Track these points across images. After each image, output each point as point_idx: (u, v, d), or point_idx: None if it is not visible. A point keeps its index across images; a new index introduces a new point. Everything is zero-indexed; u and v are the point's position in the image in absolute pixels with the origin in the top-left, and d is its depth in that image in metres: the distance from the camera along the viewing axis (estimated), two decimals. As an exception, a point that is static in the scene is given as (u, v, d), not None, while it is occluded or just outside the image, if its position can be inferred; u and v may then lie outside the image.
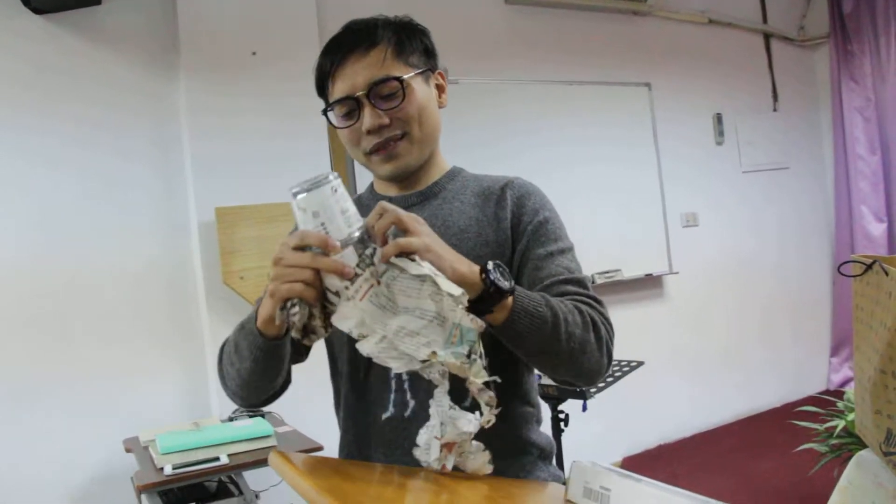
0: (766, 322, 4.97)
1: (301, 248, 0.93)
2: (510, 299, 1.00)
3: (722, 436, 4.53)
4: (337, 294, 0.92)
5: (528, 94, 4.02)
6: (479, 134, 3.66)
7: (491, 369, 1.21)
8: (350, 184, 3.49)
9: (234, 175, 3.17)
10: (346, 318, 0.91)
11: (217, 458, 2.37)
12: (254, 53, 3.23)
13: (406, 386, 1.19)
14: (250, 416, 2.84)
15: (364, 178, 3.43)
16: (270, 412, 2.95)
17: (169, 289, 3.17)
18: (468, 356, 0.90)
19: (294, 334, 0.95)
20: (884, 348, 1.08)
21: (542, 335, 1.03)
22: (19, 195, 2.91)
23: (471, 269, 0.98)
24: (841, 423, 2.86)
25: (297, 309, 0.93)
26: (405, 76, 1.21)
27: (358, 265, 0.91)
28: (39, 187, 2.95)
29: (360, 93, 1.19)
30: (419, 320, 0.90)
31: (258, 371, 1.11)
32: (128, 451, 2.68)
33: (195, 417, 3.07)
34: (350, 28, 1.24)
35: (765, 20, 5.13)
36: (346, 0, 3.41)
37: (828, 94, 5.29)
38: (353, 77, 1.19)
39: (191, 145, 3.15)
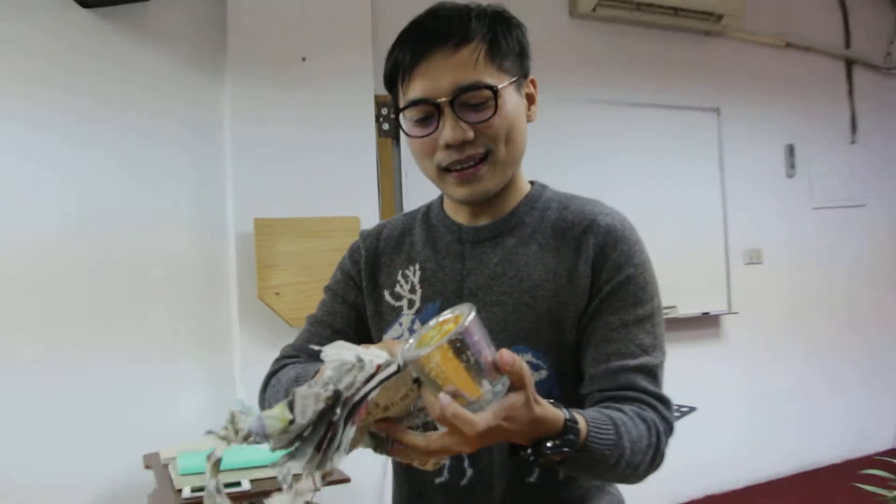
0: (831, 370, 4.73)
1: None
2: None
3: (776, 491, 4.31)
4: None
5: (589, 113, 3.91)
6: (533, 147, 3.49)
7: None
8: (396, 208, 3.41)
9: (276, 185, 3.10)
10: None
11: (239, 483, 2.27)
12: (304, 59, 3.16)
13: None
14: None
15: (410, 201, 3.36)
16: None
17: (201, 299, 3.11)
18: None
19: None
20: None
21: (597, 472, 0.96)
22: (53, 177, 2.90)
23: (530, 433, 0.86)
24: (914, 494, 2.62)
25: None
26: (499, 85, 1.05)
27: None
28: (79, 172, 2.93)
29: (444, 99, 1.04)
30: None
31: None
32: (147, 467, 2.62)
33: (219, 436, 2.97)
34: (437, 15, 1.08)
35: (848, 45, 4.90)
36: (404, 9, 3.33)
37: (913, 127, 5.03)
38: (436, 78, 1.04)
39: (233, 151, 3.10)
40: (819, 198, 4.75)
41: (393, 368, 0.80)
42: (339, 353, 0.82)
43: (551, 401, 0.88)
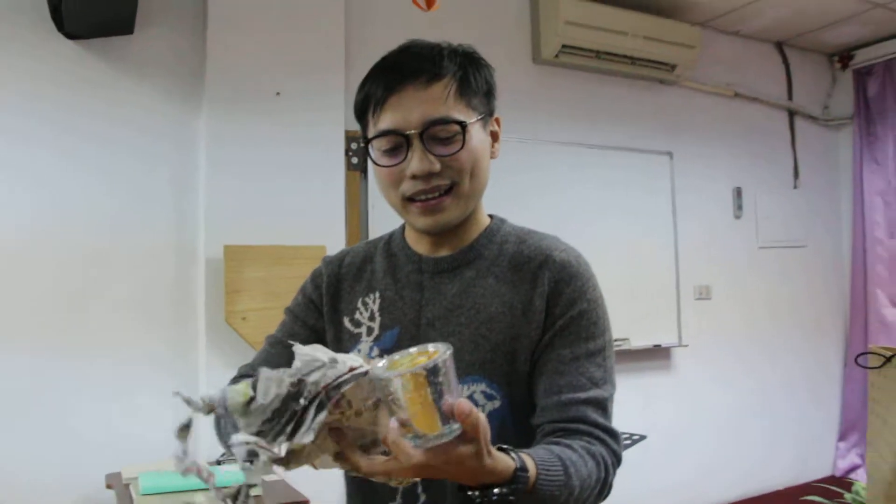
0: (774, 401, 4.87)
1: None
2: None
3: (723, 517, 4.39)
4: None
5: (549, 154, 4.01)
6: (496, 183, 3.59)
7: None
8: (362, 238, 3.46)
9: (246, 213, 3.14)
10: None
11: (192, 504, 2.26)
12: (278, 93, 3.23)
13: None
14: (240, 460, 2.75)
15: (376, 232, 3.42)
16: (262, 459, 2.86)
17: (168, 320, 3.12)
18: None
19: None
20: (902, 450, 1.03)
21: None
22: (40, 194, 2.92)
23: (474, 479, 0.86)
24: (849, 518, 2.76)
25: None
26: (468, 121, 1.09)
27: None
28: (61, 194, 2.95)
29: (413, 131, 1.07)
30: None
31: None
32: (108, 487, 2.59)
33: (183, 457, 2.99)
34: (411, 51, 1.12)
35: (790, 97, 5.14)
36: (376, 49, 3.46)
37: (849, 175, 5.26)
38: (407, 110, 1.07)
39: (207, 179, 3.14)
40: (764, 238, 4.92)
41: (365, 369, 0.82)
42: (313, 351, 0.83)
43: (504, 447, 0.89)
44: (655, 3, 4.22)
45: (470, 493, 0.87)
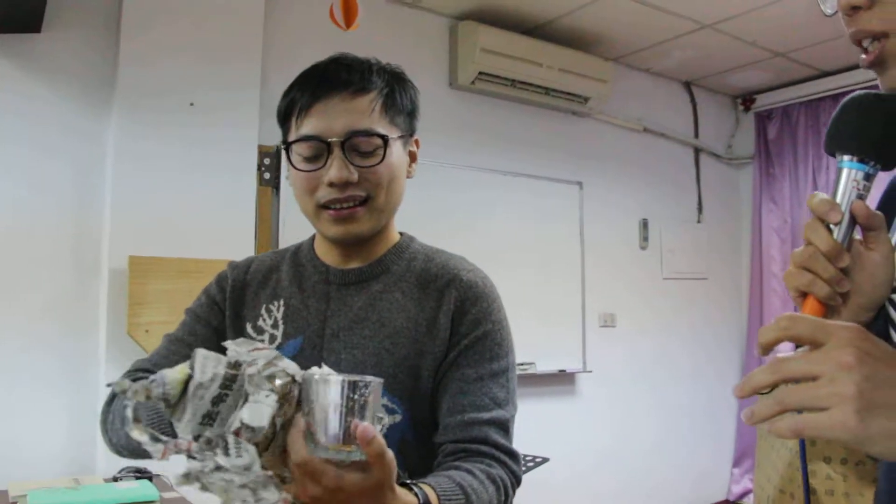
0: (673, 427, 5.01)
1: None
2: None
3: (622, 539, 4.47)
4: None
5: (462, 178, 4.06)
6: (407, 205, 3.62)
7: None
8: (273, 246, 3.42)
9: (153, 224, 3.06)
10: None
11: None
12: (191, 104, 3.18)
13: None
14: (137, 479, 2.67)
15: (284, 246, 3.38)
16: (159, 475, 2.78)
17: (68, 331, 3.01)
18: None
19: None
20: (784, 468, 1.08)
21: None
22: None
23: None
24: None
25: None
26: (390, 136, 1.12)
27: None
28: None
29: (336, 139, 1.09)
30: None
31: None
32: (-7, 505, 2.47)
33: (76, 473, 2.88)
34: (340, 62, 1.14)
35: (696, 135, 5.36)
36: (294, 65, 3.44)
37: (749, 212, 5.51)
38: (332, 118, 1.09)
39: (113, 188, 3.05)
40: (668, 269, 5.08)
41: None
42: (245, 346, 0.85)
43: (407, 482, 0.91)
44: (570, 36, 4.34)
45: None
